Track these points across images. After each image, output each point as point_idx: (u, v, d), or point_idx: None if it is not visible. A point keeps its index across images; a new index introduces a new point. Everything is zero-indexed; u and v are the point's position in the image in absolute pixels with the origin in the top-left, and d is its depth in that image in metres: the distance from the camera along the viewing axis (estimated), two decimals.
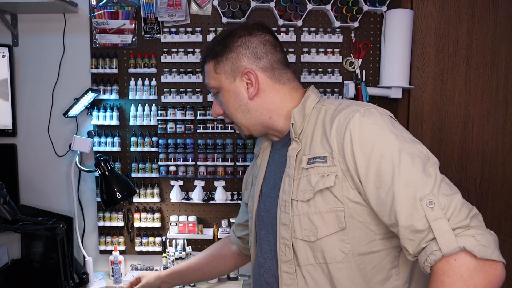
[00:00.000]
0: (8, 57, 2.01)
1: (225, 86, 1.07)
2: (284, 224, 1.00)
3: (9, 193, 1.36)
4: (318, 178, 0.94)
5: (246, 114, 1.08)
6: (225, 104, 1.09)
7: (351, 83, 1.98)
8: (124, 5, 1.99)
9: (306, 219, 0.96)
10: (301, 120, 1.04)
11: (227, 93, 1.08)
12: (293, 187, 0.99)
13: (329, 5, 1.94)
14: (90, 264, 2.00)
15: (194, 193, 2.08)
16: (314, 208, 0.95)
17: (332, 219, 0.93)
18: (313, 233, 0.95)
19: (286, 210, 0.99)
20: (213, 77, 1.09)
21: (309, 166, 0.97)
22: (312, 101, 1.06)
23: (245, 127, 1.11)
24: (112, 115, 2.03)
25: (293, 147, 1.02)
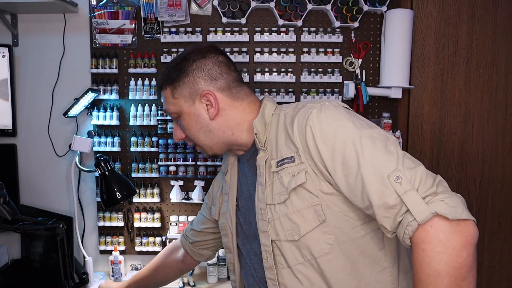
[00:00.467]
0: (8, 57, 2.01)
1: (184, 109, 1.09)
2: (262, 231, 1.03)
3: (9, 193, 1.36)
4: (289, 178, 0.97)
5: (208, 134, 1.10)
6: (187, 128, 1.12)
7: (351, 83, 1.98)
8: (124, 5, 1.99)
9: (286, 219, 0.98)
10: (263, 129, 1.07)
11: (187, 116, 1.10)
12: (266, 193, 1.02)
13: (329, 5, 1.94)
14: (90, 264, 2.01)
15: (194, 193, 2.08)
16: (291, 207, 0.98)
17: (311, 214, 0.96)
18: (296, 232, 0.97)
19: (263, 217, 1.02)
20: (171, 103, 1.11)
21: (279, 169, 1.00)
22: (269, 109, 1.09)
23: (208, 147, 1.13)
24: (112, 115, 2.03)
25: (260, 156, 1.05)
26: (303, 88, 2.04)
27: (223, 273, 2.07)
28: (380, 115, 2.06)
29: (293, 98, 2.03)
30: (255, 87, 2.04)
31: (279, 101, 2.04)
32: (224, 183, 1.24)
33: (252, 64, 2.04)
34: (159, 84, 1.15)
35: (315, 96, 2.03)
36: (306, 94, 2.04)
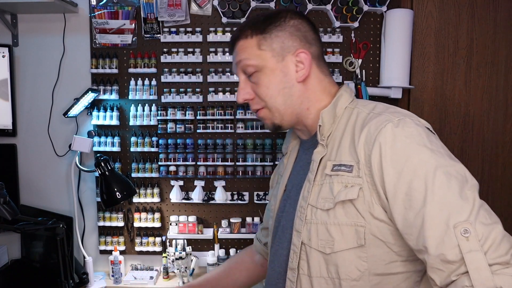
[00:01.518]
0: (8, 57, 2.01)
1: (270, 64, 0.96)
2: (296, 230, 0.95)
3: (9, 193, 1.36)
4: (341, 187, 0.88)
5: (287, 99, 0.97)
6: (266, 85, 0.97)
7: (351, 83, 1.98)
8: (124, 5, 1.99)
9: (323, 229, 0.89)
10: (330, 122, 0.96)
11: (271, 72, 0.96)
12: (312, 193, 0.93)
13: (329, 5, 1.94)
14: (90, 264, 2.01)
15: (194, 193, 2.07)
16: (333, 218, 0.88)
17: (351, 233, 0.86)
18: (329, 245, 0.89)
19: (301, 216, 0.94)
20: (254, 54, 0.97)
21: (333, 173, 0.90)
22: (344, 101, 0.98)
23: (279, 114, 0.99)
24: (112, 115, 2.03)
25: (318, 151, 0.95)
26: None
27: None
28: None
29: None
30: None
31: None
32: (281, 165, 1.16)
33: None
34: (238, 33, 1.01)
35: None
36: None
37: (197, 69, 2.04)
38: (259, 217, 2.10)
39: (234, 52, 1.03)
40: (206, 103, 2.05)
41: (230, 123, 2.05)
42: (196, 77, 2.03)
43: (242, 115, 2.03)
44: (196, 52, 2.02)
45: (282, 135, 2.07)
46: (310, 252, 0.92)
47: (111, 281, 2.04)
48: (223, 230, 2.09)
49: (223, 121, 2.04)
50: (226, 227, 2.10)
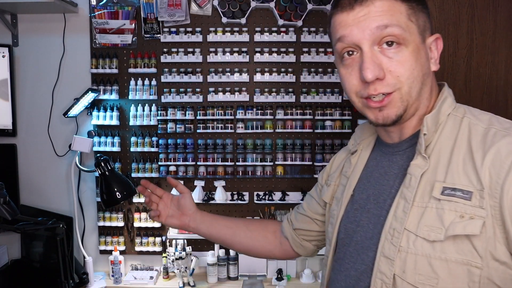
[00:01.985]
0: (8, 57, 2.01)
1: (417, 41, 0.77)
2: (386, 257, 0.78)
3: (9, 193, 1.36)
4: (454, 217, 0.71)
5: (422, 88, 0.79)
6: (410, 65, 0.77)
7: None
8: (124, 5, 1.99)
9: (425, 262, 0.73)
10: (432, 130, 0.79)
11: (417, 51, 0.77)
12: (409, 215, 0.76)
13: (329, 5, 1.94)
14: (90, 264, 2.01)
15: (194, 193, 2.07)
16: (440, 252, 0.72)
17: (462, 273, 0.71)
18: (431, 283, 0.73)
19: (394, 241, 0.77)
20: (404, 23, 0.76)
21: (444, 198, 0.73)
22: (448, 106, 0.82)
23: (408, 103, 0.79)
24: (112, 115, 2.03)
25: (417, 164, 0.78)
26: (303, 88, 2.04)
27: (223, 273, 2.07)
28: None
29: (293, 98, 2.03)
30: (255, 87, 2.04)
31: (279, 101, 2.04)
32: (348, 163, 0.99)
33: (252, 64, 2.04)
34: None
35: (315, 96, 2.03)
36: (306, 94, 2.04)
37: (197, 69, 2.04)
38: (259, 217, 2.10)
39: (365, 10, 0.76)
40: (206, 103, 2.05)
41: (230, 123, 2.05)
42: (196, 77, 2.03)
43: (242, 115, 2.03)
44: (196, 52, 2.02)
45: (282, 136, 2.07)
46: (402, 286, 0.76)
47: (111, 281, 2.04)
48: None
49: (223, 121, 2.04)
50: None
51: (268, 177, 2.10)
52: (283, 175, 2.08)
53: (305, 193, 2.08)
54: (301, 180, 2.10)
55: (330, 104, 2.04)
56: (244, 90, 2.05)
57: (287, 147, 2.05)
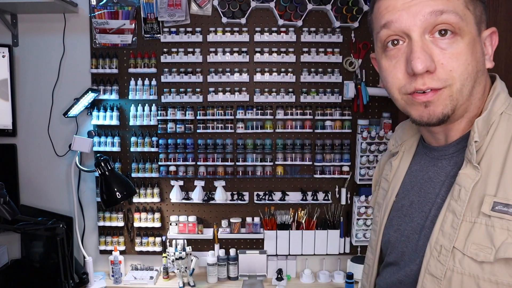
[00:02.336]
0: (8, 57, 2.01)
1: (473, 33, 0.69)
2: (433, 275, 0.71)
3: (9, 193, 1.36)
4: (506, 237, 0.64)
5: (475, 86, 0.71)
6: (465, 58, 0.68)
7: (351, 83, 1.98)
8: (124, 5, 1.99)
9: (472, 283, 0.67)
10: (484, 133, 0.69)
11: (473, 44, 0.69)
12: (459, 231, 0.68)
13: (329, 5, 1.94)
14: (90, 264, 2.01)
15: (194, 193, 2.07)
16: (489, 274, 0.65)
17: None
18: None
19: (441, 259, 0.70)
20: (461, 10, 0.68)
21: (495, 215, 0.65)
22: (501, 103, 0.71)
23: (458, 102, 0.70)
24: (112, 115, 2.03)
25: (468, 174, 0.69)
26: (303, 88, 2.04)
27: (223, 273, 2.07)
28: (380, 115, 2.06)
29: (293, 98, 2.03)
30: (255, 87, 2.04)
31: (279, 101, 2.04)
32: (388, 166, 0.91)
33: (252, 64, 2.04)
34: None
35: (315, 96, 2.03)
36: (306, 94, 2.04)
37: (197, 69, 2.04)
38: (259, 217, 2.10)
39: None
40: (206, 103, 2.05)
41: (230, 123, 2.05)
42: (196, 77, 2.03)
43: (242, 115, 2.03)
44: (196, 52, 2.02)
45: (282, 136, 2.07)
46: None
47: (111, 281, 2.04)
48: (223, 230, 2.09)
49: (223, 121, 2.04)
50: (226, 227, 2.10)
51: (268, 177, 2.10)
52: (283, 175, 2.08)
53: (305, 193, 2.08)
54: (301, 180, 2.10)
55: (330, 104, 2.04)
56: (244, 90, 2.05)
57: (287, 147, 2.05)
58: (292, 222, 2.08)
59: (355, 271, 1.95)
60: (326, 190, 2.09)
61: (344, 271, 2.07)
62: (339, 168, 2.06)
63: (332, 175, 2.06)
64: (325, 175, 2.06)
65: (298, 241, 2.08)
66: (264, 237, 2.09)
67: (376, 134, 1.97)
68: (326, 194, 2.08)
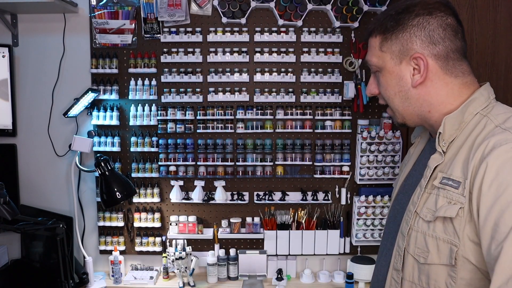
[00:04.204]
0: (8, 57, 2.01)
1: (388, 67, 0.96)
2: (402, 233, 0.95)
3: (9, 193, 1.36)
4: (444, 202, 0.86)
5: (404, 101, 0.96)
6: (384, 86, 0.98)
7: (351, 83, 1.98)
8: (124, 5, 1.99)
9: (421, 238, 0.90)
10: (454, 128, 0.90)
11: (389, 75, 0.96)
12: (420, 200, 0.92)
13: (329, 5, 1.94)
14: (90, 264, 2.01)
15: (194, 193, 2.07)
16: (432, 231, 0.87)
17: (446, 250, 0.85)
18: (424, 256, 0.89)
19: (408, 221, 0.94)
20: (376, 55, 0.97)
21: (441, 186, 0.88)
22: (477, 106, 0.90)
23: (399, 114, 0.99)
24: (112, 115, 2.03)
25: (434, 158, 0.92)
26: (303, 88, 2.04)
27: (223, 273, 2.07)
28: (380, 115, 2.06)
29: (293, 98, 2.03)
30: (255, 87, 2.04)
31: (279, 101, 2.04)
32: (408, 153, 1.14)
33: (252, 64, 2.04)
34: (369, 30, 0.99)
35: (315, 96, 2.03)
36: (306, 94, 2.04)
37: (197, 69, 2.04)
38: (259, 217, 2.10)
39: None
40: (206, 103, 2.05)
41: (230, 123, 2.05)
42: (196, 77, 2.03)
43: (242, 115, 2.03)
44: (196, 52, 2.02)
45: (282, 136, 2.07)
46: (407, 256, 0.93)
47: (111, 281, 2.04)
48: (223, 230, 2.09)
49: (223, 121, 2.04)
50: (226, 227, 2.10)
51: (268, 177, 2.10)
52: (283, 175, 2.08)
53: (305, 193, 2.08)
54: (301, 180, 2.10)
55: (330, 104, 2.04)
56: (244, 90, 2.05)
57: (287, 147, 2.05)
58: (292, 222, 2.08)
59: (355, 271, 1.95)
60: (326, 190, 2.09)
61: (344, 271, 2.07)
62: (339, 168, 2.06)
63: (332, 175, 2.06)
64: (325, 175, 2.06)
65: (298, 241, 2.08)
66: (264, 237, 2.09)
67: (376, 134, 1.97)
68: (326, 194, 2.08)
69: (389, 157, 2.00)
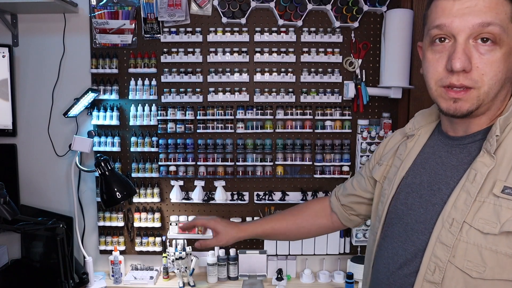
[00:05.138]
0: (8, 57, 2.01)
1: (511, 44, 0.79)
2: (443, 244, 0.83)
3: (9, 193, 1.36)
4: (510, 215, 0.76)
5: (500, 92, 0.81)
6: (496, 66, 0.78)
7: (351, 83, 1.98)
8: (124, 5, 1.99)
9: (475, 251, 0.79)
10: (503, 128, 0.81)
11: (508, 55, 0.79)
12: (471, 209, 0.80)
13: (329, 5, 1.94)
14: (90, 264, 2.01)
15: (194, 193, 2.08)
16: (492, 244, 0.77)
17: (509, 266, 0.76)
18: (478, 270, 0.78)
19: (452, 230, 0.82)
20: (505, 24, 0.77)
21: (503, 196, 0.77)
22: None
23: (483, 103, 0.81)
24: (112, 115, 2.03)
25: (484, 162, 0.80)
26: (303, 88, 2.05)
27: (223, 273, 2.07)
28: (380, 115, 2.06)
29: (293, 98, 2.03)
30: (255, 87, 2.04)
31: (279, 101, 2.04)
32: (403, 146, 1.03)
33: (252, 64, 2.04)
34: None
35: (315, 96, 2.03)
36: (306, 94, 2.04)
37: (197, 69, 2.04)
38: (259, 217, 2.10)
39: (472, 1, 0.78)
40: (206, 103, 2.05)
41: (230, 123, 2.05)
42: (196, 77, 2.03)
43: (242, 115, 2.03)
44: (196, 52, 2.02)
45: (282, 136, 2.07)
46: (450, 268, 0.82)
47: (111, 281, 2.04)
48: None
49: (223, 121, 2.05)
50: None
51: (268, 177, 2.10)
52: (283, 175, 2.09)
53: (305, 193, 2.08)
54: (301, 180, 2.10)
55: (330, 104, 2.04)
56: (244, 90, 2.05)
57: (287, 147, 2.05)
58: None
59: (355, 271, 1.95)
60: (326, 190, 2.09)
61: (344, 271, 2.07)
62: (339, 168, 2.06)
63: (332, 175, 2.06)
64: (325, 175, 2.06)
65: (298, 241, 2.08)
66: None
67: (376, 134, 1.97)
68: (326, 194, 2.08)
69: None
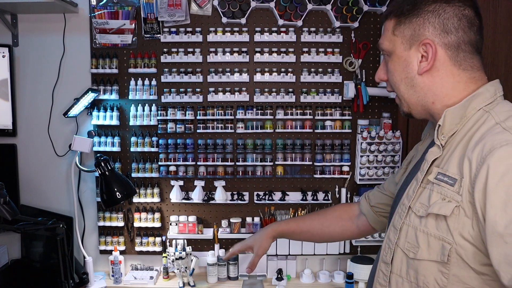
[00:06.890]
0: (8, 57, 2.01)
1: (398, 51, 0.95)
2: (394, 227, 0.94)
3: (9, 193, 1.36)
4: (438, 199, 0.85)
5: (409, 89, 0.95)
6: (392, 72, 0.97)
7: (351, 83, 1.98)
8: (124, 5, 1.99)
9: (412, 232, 0.89)
10: (455, 122, 0.88)
11: (397, 59, 0.95)
12: (416, 194, 0.91)
13: (329, 5, 1.94)
14: (90, 264, 2.01)
15: (194, 193, 2.08)
16: (423, 226, 0.87)
17: (437, 246, 0.84)
18: (414, 250, 0.88)
19: (401, 215, 0.93)
20: (388, 38, 0.96)
21: (436, 182, 0.86)
22: (480, 101, 0.88)
23: (405, 102, 0.97)
24: (112, 115, 2.03)
25: (432, 151, 0.91)
26: (303, 88, 2.04)
27: (223, 273, 2.07)
28: (380, 115, 2.06)
29: (293, 98, 2.03)
30: (255, 87, 2.04)
31: (279, 101, 2.04)
32: (415, 150, 1.13)
33: (252, 64, 2.04)
34: (386, 12, 0.99)
35: (315, 96, 2.03)
36: (306, 94, 2.04)
37: (197, 69, 2.04)
38: (259, 217, 2.10)
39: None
40: (206, 103, 2.05)
41: (230, 123, 2.05)
42: (196, 77, 2.03)
43: (242, 115, 2.03)
44: (196, 52, 2.02)
45: (282, 136, 2.07)
46: (396, 250, 0.93)
47: (111, 281, 2.04)
48: (223, 230, 2.09)
49: (223, 121, 2.05)
50: (226, 227, 2.10)
51: (268, 177, 2.10)
52: (283, 175, 2.08)
53: (305, 193, 2.09)
54: (301, 180, 2.10)
55: (330, 104, 2.04)
56: (244, 90, 2.05)
57: (287, 147, 2.05)
58: None
59: (355, 271, 1.95)
60: (326, 190, 2.09)
61: (344, 271, 2.07)
62: (339, 168, 2.06)
63: (332, 175, 2.06)
64: (325, 175, 2.06)
65: (298, 241, 2.08)
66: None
67: (376, 134, 1.97)
68: (326, 194, 2.08)
69: (389, 157, 2.00)
